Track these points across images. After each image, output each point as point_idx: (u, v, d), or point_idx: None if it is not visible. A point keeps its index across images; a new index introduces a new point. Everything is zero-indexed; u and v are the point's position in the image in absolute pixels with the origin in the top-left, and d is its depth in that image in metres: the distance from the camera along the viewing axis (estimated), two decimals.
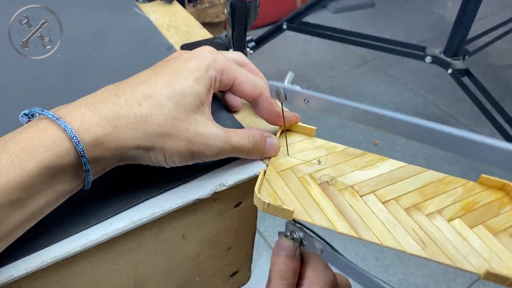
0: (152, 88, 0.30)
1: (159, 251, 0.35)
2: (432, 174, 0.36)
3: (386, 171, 0.35)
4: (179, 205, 0.32)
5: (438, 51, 1.37)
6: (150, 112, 0.29)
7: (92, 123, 0.27)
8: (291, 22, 1.43)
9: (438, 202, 0.33)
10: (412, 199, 0.33)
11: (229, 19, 0.46)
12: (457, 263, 0.30)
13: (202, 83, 0.31)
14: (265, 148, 0.35)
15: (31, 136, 0.26)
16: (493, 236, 0.32)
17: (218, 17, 1.41)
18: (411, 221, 0.32)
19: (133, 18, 0.53)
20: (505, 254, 0.31)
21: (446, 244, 0.31)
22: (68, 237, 0.29)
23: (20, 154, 0.25)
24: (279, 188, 0.33)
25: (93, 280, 0.33)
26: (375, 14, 2.30)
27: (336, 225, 0.31)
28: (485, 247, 0.31)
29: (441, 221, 0.32)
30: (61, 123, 0.26)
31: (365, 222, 0.31)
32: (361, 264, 1.15)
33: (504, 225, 0.33)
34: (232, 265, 0.43)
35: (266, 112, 0.36)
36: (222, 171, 0.35)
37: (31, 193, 0.25)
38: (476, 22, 1.32)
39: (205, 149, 0.30)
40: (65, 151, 0.26)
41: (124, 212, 0.31)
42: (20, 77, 0.43)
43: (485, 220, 0.33)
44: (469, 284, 1.15)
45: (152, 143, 0.29)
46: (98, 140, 0.27)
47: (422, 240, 0.31)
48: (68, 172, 0.27)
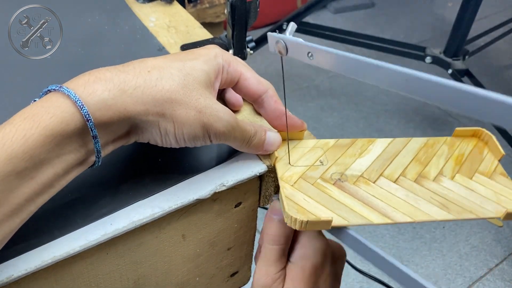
0: (161, 60, 0.30)
1: (159, 251, 0.35)
2: (416, 141, 0.38)
3: (380, 151, 0.37)
4: (179, 205, 0.32)
5: (438, 52, 1.37)
6: (160, 78, 0.28)
7: (97, 87, 0.26)
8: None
9: (435, 165, 0.36)
10: (414, 170, 0.36)
11: (229, 19, 0.46)
12: (480, 214, 0.32)
13: (211, 65, 0.31)
14: (265, 139, 0.34)
15: (34, 106, 0.25)
16: (489, 179, 0.36)
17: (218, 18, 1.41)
18: (425, 190, 0.34)
19: (125, 20, 0.53)
20: (507, 191, 0.35)
21: (462, 201, 0.34)
22: (68, 234, 0.29)
23: (24, 123, 0.24)
24: (302, 202, 0.32)
25: (93, 281, 0.33)
26: (375, 14, 2.30)
27: (371, 218, 0.31)
28: (489, 191, 0.35)
29: (446, 181, 0.35)
30: (64, 89, 0.26)
31: (391, 205, 0.32)
32: (361, 264, 1.15)
33: (492, 166, 0.37)
34: (232, 265, 0.43)
35: (272, 111, 0.35)
36: (222, 171, 0.35)
37: (37, 162, 0.24)
38: (476, 22, 1.32)
39: (215, 121, 0.30)
40: (69, 116, 0.25)
41: (124, 212, 0.31)
42: (15, 77, 0.43)
43: (477, 167, 0.37)
44: (469, 284, 1.15)
45: (162, 109, 0.28)
46: (104, 103, 0.26)
47: (443, 205, 0.33)
48: (75, 140, 0.26)
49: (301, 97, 1.75)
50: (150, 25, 0.53)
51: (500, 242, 1.25)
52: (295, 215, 0.30)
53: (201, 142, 0.31)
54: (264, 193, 0.39)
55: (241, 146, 0.34)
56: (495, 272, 1.18)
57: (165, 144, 0.30)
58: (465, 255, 1.21)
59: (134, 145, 0.32)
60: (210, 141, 0.31)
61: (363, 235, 0.30)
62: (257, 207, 0.40)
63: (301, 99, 1.74)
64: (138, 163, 0.35)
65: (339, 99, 1.75)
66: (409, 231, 1.26)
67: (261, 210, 0.41)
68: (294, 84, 1.80)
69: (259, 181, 0.37)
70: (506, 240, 1.25)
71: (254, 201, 0.39)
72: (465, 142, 0.39)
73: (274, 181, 0.37)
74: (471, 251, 1.23)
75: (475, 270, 1.18)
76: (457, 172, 0.36)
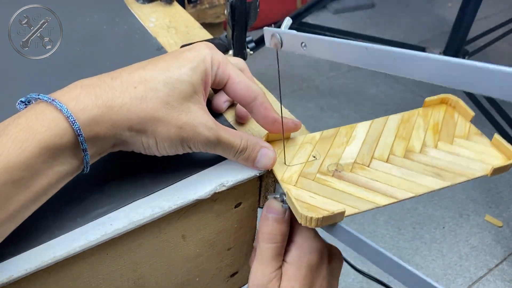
0: (149, 73, 0.30)
1: (159, 251, 0.35)
2: (393, 118, 0.40)
3: (364, 135, 0.38)
4: (179, 205, 0.32)
5: (438, 52, 1.37)
6: (145, 96, 0.29)
7: (88, 103, 0.28)
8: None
9: (417, 137, 0.38)
10: (400, 146, 0.37)
11: (229, 20, 0.46)
12: (470, 175, 0.35)
13: (198, 72, 0.32)
14: (256, 156, 0.34)
15: (29, 118, 0.26)
16: (468, 141, 0.38)
17: (218, 18, 1.41)
18: (416, 164, 0.36)
19: (123, 19, 0.53)
20: (487, 149, 0.37)
21: (451, 166, 0.36)
22: (68, 234, 0.29)
23: (20, 135, 0.25)
24: (309, 199, 0.32)
25: (93, 281, 0.33)
26: (375, 15, 2.30)
27: (377, 201, 0.32)
28: (471, 152, 0.37)
29: (431, 151, 0.37)
30: (57, 104, 0.27)
31: (390, 185, 0.34)
32: (361, 265, 1.15)
33: (466, 128, 0.40)
34: (232, 266, 0.43)
35: (262, 117, 0.35)
36: (222, 172, 0.35)
37: (33, 173, 0.26)
38: (476, 22, 1.32)
39: (194, 136, 0.31)
40: (62, 131, 0.27)
41: (124, 213, 0.31)
42: (15, 77, 0.43)
43: (454, 132, 0.39)
44: (469, 284, 1.15)
45: (144, 126, 0.29)
46: (93, 119, 0.28)
47: (436, 174, 0.35)
48: (67, 152, 0.27)
49: (301, 97, 1.75)
50: (150, 25, 0.53)
51: (500, 242, 1.25)
52: (309, 214, 0.30)
53: (182, 152, 0.32)
54: (264, 194, 0.39)
55: (228, 158, 0.34)
56: (495, 272, 1.18)
57: (149, 154, 0.32)
58: (465, 255, 1.21)
59: None
60: (191, 151, 0.32)
61: (363, 235, 0.30)
62: (257, 207, 0.40)
63: (301, 99, 1.74)
64: (138, 163, 0.35)
65: (339, 99, 1.75)
66: (409, 231, 1.26)
67: (261, 210, 0.41)
68: (294, 84, 1.80)
69: (259, 182, 0.37)
70: (506, 240, 1.25)
71: (254, 201, 0.39)
72: (436, 110, 0.41)
73: (274, 181, 0.37)
74: (471, 251, 1.23)
75: (475, 270, 1.18)
76: (438, 140, 0.38)
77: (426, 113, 0.41)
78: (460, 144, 0.38)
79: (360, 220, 1.26)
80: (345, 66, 1.92)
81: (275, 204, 0.34)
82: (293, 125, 0.36)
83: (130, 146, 0.31)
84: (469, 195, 1.35)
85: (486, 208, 1.33)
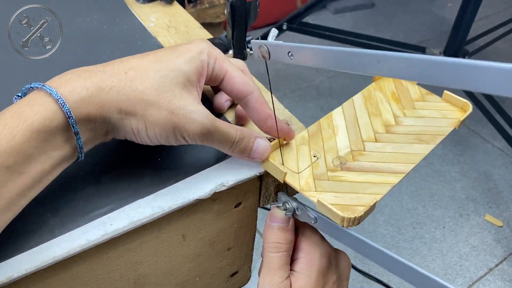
0: (141, 61, 0.30)
1: (159, 251, 0.35)
2: (358, 98, 0.42)
3: (343, 121, 0.39)
4: (179, 205, 0.32)
5: (438, 52, 1.37)
6: (135, 79, 0.29)
7: (77, 85, 0.28)
8: (291, 23, 1.43)
9: (386, 111, 0.40)
10: (377, 123, 0.39)
11: (229, 19, 0.46)
12: (444, 132, 0.38)
13: (193, 64, 0.31)
14: (252, 146, 0.33)
15: (20, 104, 0.27)
16: (426, 102, 0.42)
17: (218, 18, 1.41)
18: (399, 136, 0.38)
19: (123, 19, 0.53)
20: (443, 105, 0.41)
21: (426, 129, 0.39)
22: (68, 234, 0.29)
23: (11, 121, 0.26)
24: (336, 199, 0.32)
25: (93, 281, 0.33)
26: (375, 15, 2.30)
27: (390, 181, 0.34)
28: (433, 112, 0.40)
29: (404, 120, 0.40)
30: (47, 88, 0.27)
31: (391, 161, 0.35)
32: (361, 265, 1.15)
33: (417, 91, 0.43)
34: (232, 265, 0.43)
35: (256, 113, 0.34)
36: (222, 171, 0.35)
37: (25, 158, 0.26)
38: (476, 22, 1.32)
39: (187, 122, 0.30)
40: (52, 114, 0.27)
41: (124, 212, 0.31)
42: (15, 77, 0.43)
43: (410, 97, 0.42)
44: (469, 284, 1.15)
45: (134, 109, 0.29)
46: (83, 100, 0.27)
47: (419, 140, 0.37)
48: (59, 135, 0.27)
49: (301, 97, 1.75)
50: (150, 25, 0.53)
51: (500, 242, 1.25)
52: (351, 215, 0.30)
53: (175, 142, 0.31)
54: (264, 193, 0.39)
55: (224, 150, 0.33)
56: (495, 272, 1.18)
57: (141, 142, 0.31)
58: (465, 255, 1.21)
59: (134, 145, 0.32)
60: (185, 142, 0.31)
61: (363, 235, 0.30)
62: (257, 207, 0.40)
63: (301, 99, 1.74)
64: (138, 162, 0.35)
65: (339, 99, 1.75)
66: (409, 231, 1.26)
67: (261, 210, 0.41)
68: (294, 85, 1.80)
69: (259, 181, 0.37)
70: (506, 240, 1.25)
71: (254, 201, 0.39)
72: (385, 82, 0.44)
73: (274, 181, 0.37)
74: (471, 251, 1.23)
75: (475, 270, 1.18)
76: (403, 108, 0.41)
77: (379, 86, 0.43)
78: (421, 107, 0.41)
79: None
80: None
81: (279, 213, 0.33)
82: (286, 128, 0.35)
83: (121, 132, 0.30)
84: (469, 195, 1.35)
85: (486, 208, 1.33)
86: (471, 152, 1.50)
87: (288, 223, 0.33)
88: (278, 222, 0.33)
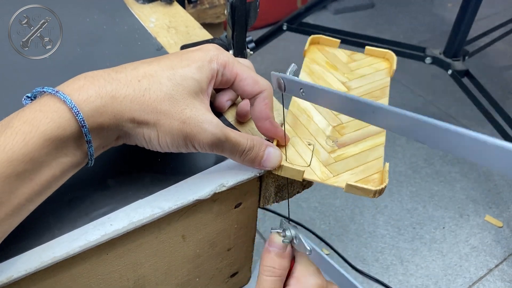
0: (153, 68, 0.30)
1: (159, 252, 0.35)
2: (303, 76, 0.44)
3: (306, 103, 0.41)
4: (179, 206, 0.32)
5: (438, 52, 1.36)
6: (149, 88, 0.29)
7: (91, 93, 0.27)
8: (291, 23, 1.43)
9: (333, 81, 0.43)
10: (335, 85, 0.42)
11: (229, 20, 0.46)
12: (386, 84, 0.43)
13: (204, 72, 0.31)
14: (262, 155, 0.33)
15: (33, 110, 0.26)
16: (356, 62, 0.45)
17: (218, 18, 1.41)
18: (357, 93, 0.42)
19: (123, 19, 0.53)
20: (370, 59, 0.46)
21: (373, 86, 0.42)
22: (67, 234, 0.29)
23: (23, 127, 0.25)
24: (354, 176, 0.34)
25: (92, 281, 0.33)
26: (375, 15, 2.30)
27: (379, 142, 0.37)
28: (367, 68, 0.45)
29: (350, 83, 0.43)
30: (61, 95, 0.27)
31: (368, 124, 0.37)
32: (361, 265, 1.15)
33: (344, 54, 0.46)
34: (232, 266, 0.43)
35: (258, 111, 0.34)
36: (222, 172, 0.35)
37: (36, 165, 0.26)
38: (476, 23, 1.32)
39: (198, 132, 0.30)
40: (66, 122, 0.26)
41: (124, 213, 0.31)
42: (15, 77, 0.43)
43: (342, 61, 0.45)
44: (469, 284, 1.15)
45: (146, 118, 0.29)
46: (97, 110, 0.27)
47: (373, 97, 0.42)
48: (71, 143, 0.27)
49: None
50: (150, 25, 0.53)
51: (500, 243, 1.24)
52: (378, 187, 0.31)
53: (186, 150, 0.32)
54: (264, 194, 0.39)
55: (234, 159, 0.34)
56: (495, 272, 1.18)
57: (151, 149, 0.31)
58: (465, 256, 1.21)
59: (134, 146, 0.32)
60: (196, 150, 0.32)
61: (363, 236, 0.30)
62: (257, 208, 0.40)
63: None
64: (138, 163, 0.35)
65: None
66: (409, 232, 1.26)
67: (261, 210, 0.41)
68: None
69: (259, 182, 0.37)
70: (506, 240, 1.25)
71: (254, 201, 0.39)
72: (314, 53, 0.46)
73: (274, 181, 0.37)
74: (471, 251, 1.22)
75: (475, 271, 1.18)
76: (344, 74, 0.44)
77: (312, 59, 0.45)
78: (355, 67, 0.44)
79: (360, 220, 1.26)
80: None
81: (277, 238, 0.34)
82: (282, 134, 0.36)
83: (132, 139, 0.31)
84: (469, 195, 1.35)
85: (486, 209, 1.32)
86: None
87: (285, 249, 0.34)
88: (276, 248, 0.34)
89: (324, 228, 1.23)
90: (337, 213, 1.27)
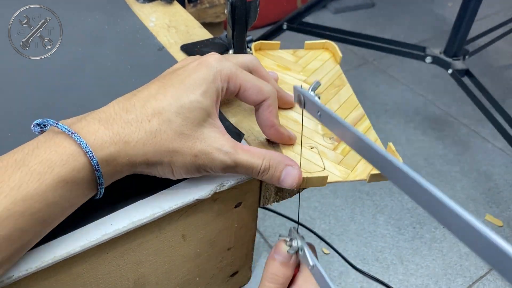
0: (161, 104, 0.30)
1: (159, 251, 0.35)
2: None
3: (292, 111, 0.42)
4: (179, 205, 0.32)
5: (438, 51, 1.36)
6: (159, 129, 0.30)
7: (106, 139, 0.28)
8: (291, 22, 1.43)
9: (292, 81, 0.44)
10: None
11: (229, 19, 0.46)
12: (340, 72, 0.45)
13: (209, 96, 0.32)
14: (279, 176, 0.33)
15: (48, 150, 0.27)
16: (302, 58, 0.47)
17: (218, 18, 1.41)
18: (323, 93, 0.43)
19: (125, 19, 0.53)
20: (313, 53, 0.48)
21: (329, 77, 0.45)
22: (68, 234, 0.29)
23: (39, 168, 0.26)
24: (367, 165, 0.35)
25: (93, 281, 0.33)
26: (375, 14, 2.30)
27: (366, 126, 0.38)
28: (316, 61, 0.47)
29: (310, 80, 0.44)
30: (77, 138, 0.27)
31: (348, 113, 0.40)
32: (361, 265, 1.15)
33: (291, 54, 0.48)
34: (232, 266, 0.43)
35: (263, 119, 0.35)
36: None
37: (49, 204, 0.26)
38: (476, 22, 1.32)
39: (210, 162, 0.31)
40: (80, 166, 0.27)
41: (124, 212, 0.31)
42: (15, 77, 0.43)
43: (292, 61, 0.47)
44: (469, 284, 1.15)
45: (160, 158, 0.30)
46: (111, 156, 0.28)
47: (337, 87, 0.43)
48: (84, 185, 0.28)
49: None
50: (151, 25, 0.53)
51: None
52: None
53: (199, 175, 0.33)
54: (264, 193, 0.39)
55: (252, 177, 0.34)
56: (495, 272, 1.18)
57: (164, 177, 0.32)
58: (465, 255, 1.21)
59: None
60: (210, 174, 0.33)
61: (363, 235, 0.30)
62: (257, 207, 0.40)
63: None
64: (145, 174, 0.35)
65: None
66: (409, 231, 1.26)
67: (261, 210, 0.41)
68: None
69: (260, 181, 0.37)
70: (506, 240, 1.25)
71: (254, 201, 0.39)
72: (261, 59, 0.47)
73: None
74: (471, 251, 1.23)
75: (475, 270, 1.18)
76: (299, 71, 0.46)
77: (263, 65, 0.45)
78: (305, 63, 0.46)
79: (360, 220, 1.26)
80: (345, 66, 1.92)
81: (283, 247, 0.34)
82: (287, 137, 0.37)
83: (145, 173, 0.32)
84: (469, 194, 1.35)
85: (486, 208, 1.32)
86: (471, 152, 1.50)
87: (290, 259, 0.34)
88: (281, 256, 0.34)
89: (324, 227, 1.23)
90: (337, 213, 1.27)
